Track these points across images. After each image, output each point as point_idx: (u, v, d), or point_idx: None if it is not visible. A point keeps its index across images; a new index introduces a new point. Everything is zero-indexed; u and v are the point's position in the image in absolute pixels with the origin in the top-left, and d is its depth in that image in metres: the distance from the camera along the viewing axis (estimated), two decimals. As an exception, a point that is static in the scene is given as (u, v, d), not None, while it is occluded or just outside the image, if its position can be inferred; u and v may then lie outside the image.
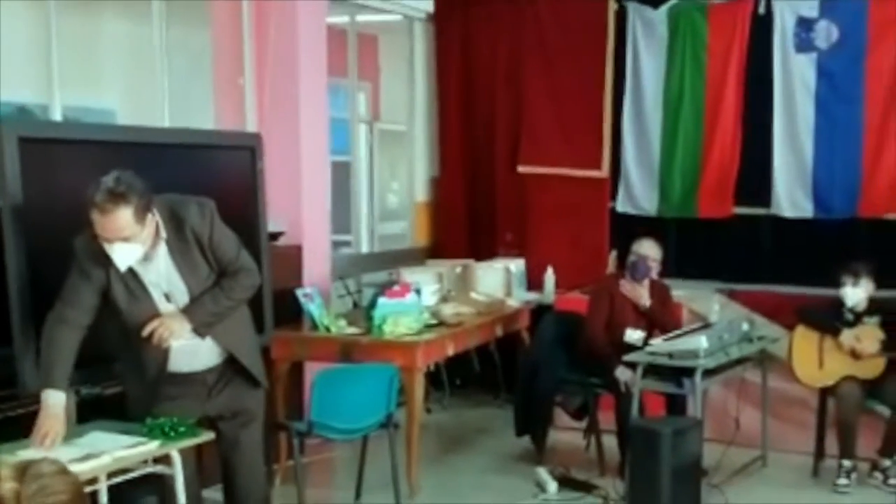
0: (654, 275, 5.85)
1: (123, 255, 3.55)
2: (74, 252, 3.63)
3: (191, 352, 3.78)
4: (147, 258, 3.65)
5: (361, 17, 7.71)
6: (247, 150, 5.20)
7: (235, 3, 6.18)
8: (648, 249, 5.82)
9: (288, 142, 6.09)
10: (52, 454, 3.13)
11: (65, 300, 3.62)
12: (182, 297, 3.72)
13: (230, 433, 3.94)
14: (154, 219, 3.61)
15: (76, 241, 3.64)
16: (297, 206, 6.13)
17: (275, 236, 5.74)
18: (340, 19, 7.47)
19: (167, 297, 3.70)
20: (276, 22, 6.10)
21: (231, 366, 3.89)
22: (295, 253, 6.03)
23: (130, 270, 3.63)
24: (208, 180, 4.07)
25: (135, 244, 3.54)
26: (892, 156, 6.75)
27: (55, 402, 3.49)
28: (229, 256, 3.79)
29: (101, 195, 3.44)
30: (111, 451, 3.38)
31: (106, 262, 3.59)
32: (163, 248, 3.68)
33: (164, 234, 3.66)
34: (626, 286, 5.77)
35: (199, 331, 3.74)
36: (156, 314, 3.66)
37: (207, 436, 3.74)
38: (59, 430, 3.45)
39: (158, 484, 3.76)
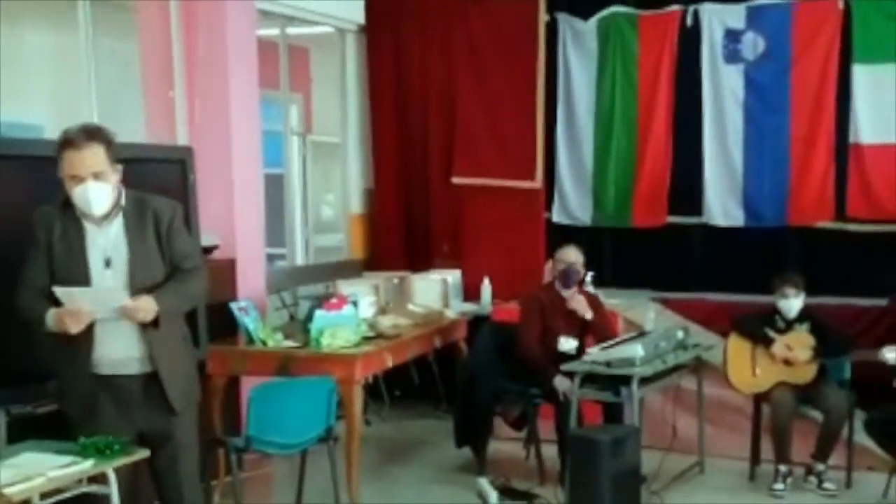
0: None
1: (97, 195, 3.59)
2: (32, 224, 3.66)
3: (112, 332, 3.66)
4: (102, 222, 3.68)
5: (292, 30, 7.66)
6: (178, 164, 5.14)
7: (163, 11, 6.07)
8: (575, 256, 5.87)
9: (220, 154, 6.01)
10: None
11: (23, 278, 3.64)
12: (122, 267, 3.68)
13: (161, 464, 3.84)
14: (119, 176, 3.67)
15: (35, 213, 3.68)
16: (230, 219, 6.04)
17: (208, 250, 5.65)
18: (271, 32, 7.41)
19: (107, 263, 3.67)
20: (204, 32, 6.01)
21: (153, 382, 3.75)
22: (229, 266, 5.94)
23: (79, 231, 3.65)
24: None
25: (106, 185, 3.61)
26: (818, 165, 6.89)
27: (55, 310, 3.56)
28: (187, 250, 3.85)
29: (75, 132, 3.58)
30: (45, 472, 3.28)
31: (54, 223, 3.64)
32: (119, 219, 3.71)
33: (123, 203, 3.71)
34: (572, 301, 5.79)
35: (161, 319, 3.70)
36: (85, 280, 3.62)
37: (142, 453, 3.66)
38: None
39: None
